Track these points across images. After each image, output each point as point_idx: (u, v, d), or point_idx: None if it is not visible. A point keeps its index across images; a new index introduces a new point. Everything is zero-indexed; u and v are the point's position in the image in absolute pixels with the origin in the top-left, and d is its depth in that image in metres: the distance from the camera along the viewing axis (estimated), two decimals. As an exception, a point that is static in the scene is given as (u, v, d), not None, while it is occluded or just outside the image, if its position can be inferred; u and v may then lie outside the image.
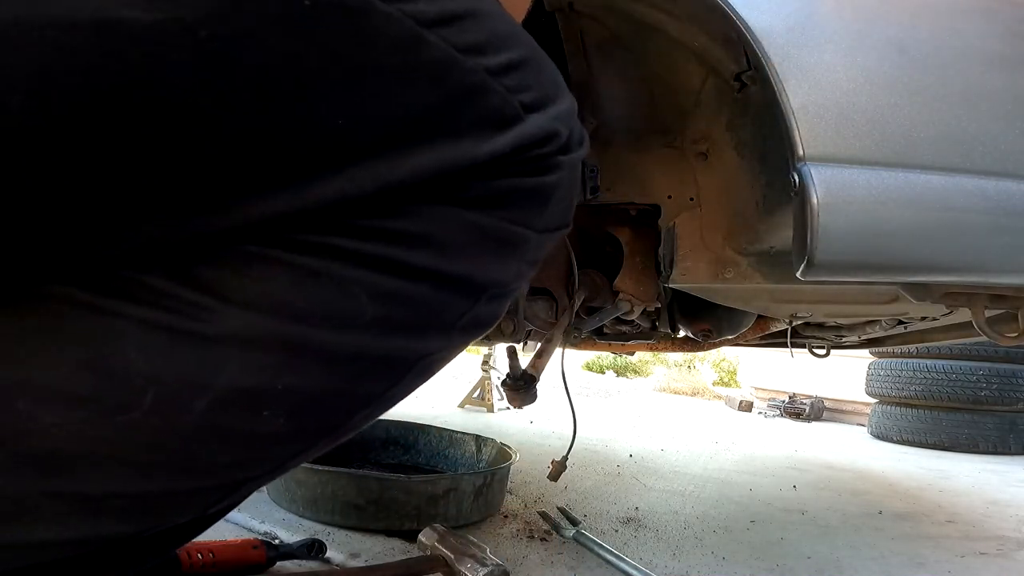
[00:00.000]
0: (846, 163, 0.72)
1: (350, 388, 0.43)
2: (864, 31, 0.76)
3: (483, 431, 1.84)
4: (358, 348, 0.41)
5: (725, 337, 1.46)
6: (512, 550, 1.22)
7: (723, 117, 1.01)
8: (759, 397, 5.10)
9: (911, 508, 1.96)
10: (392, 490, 1.23)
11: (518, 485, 1.69)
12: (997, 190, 0.73)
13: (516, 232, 0.44)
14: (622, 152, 1.14)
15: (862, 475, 2.49)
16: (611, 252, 1.25)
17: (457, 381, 4.82)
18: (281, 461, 0.44)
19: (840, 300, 1.23)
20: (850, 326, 1.61)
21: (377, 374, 0.44)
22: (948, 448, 3.33)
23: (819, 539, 1.52)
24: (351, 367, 0.42)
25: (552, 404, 2.73)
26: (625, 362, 7.86)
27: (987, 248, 0.74)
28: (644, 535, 1.41)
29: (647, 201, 1.13)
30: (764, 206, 0.92)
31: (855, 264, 0.72)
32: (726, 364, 7.83)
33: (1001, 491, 2.35)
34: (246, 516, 1.25)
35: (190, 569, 0.94)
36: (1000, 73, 0.76)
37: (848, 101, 0.73)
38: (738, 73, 0.86)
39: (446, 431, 1.79)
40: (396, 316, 0.42)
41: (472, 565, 0.96)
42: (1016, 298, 0.88)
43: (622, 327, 1.50)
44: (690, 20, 0.88)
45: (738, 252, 1.05)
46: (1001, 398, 3.29)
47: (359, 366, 0.42)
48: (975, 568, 1.41)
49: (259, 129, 0.36)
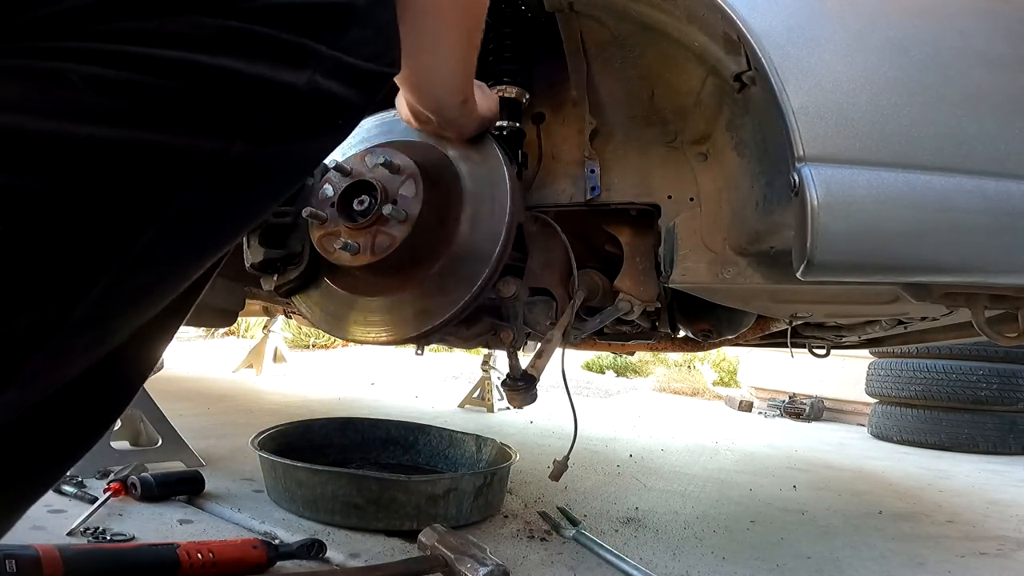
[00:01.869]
0: (846, 163, 0.72)
1: (89, 185, 0.40)
2: (864, 31, 0.76)
3: (483, 431, 1.84)
4: (88, 135, 0.38)
5: (725, 337, 1.46)
6: (512, 550, 1.22)
7: (723, 117, 1.01)
8: (759, 397, 5.10)
9: (911, 508, 1.96)
10: (392, 490, 1.23)
11: (518, 485, 1.69)
12: (997, 190, 0.73)
13: (298, 43, 0.45)
14: (622, 152, 1.14)
15: (862, 475, 2.49)
16: (611, 252, 1.25)
17: (457, 381, 4.83)
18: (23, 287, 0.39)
19: (840, 300, 1.23)
20: (850, 326, 1.61)
21: (132, 170, 0.40)
22: (948, 448, 3.33)
23: (819, 539, 1.52)
24: (87, 158, 0.39)
25: (552, 404, 2.74)
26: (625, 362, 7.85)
27: (987, 248, 0.74)
28: (644, 535, 1.41)
29: (647, 201, 1.13)
30: (764, 206, 0.92)
31: (855, 264, 0.72)
32: (726, 364, 7.82)
33: (1001, 491, 2.35)
34: (246, 516, 1.25)
35: (190, 569, 0.94)
36: (1000, 73, 0.76)
37: (848, 101, 0.73)
38: (738, 73, 0.86)
39: (446, 431, 1.79)
40: (125, 106, 0.40)
41: (472, 565, 0.96)
42: (1016, 298, 0.88)
43: (622, 327, 1.50)
44: (690, 20, 0.88)
45: (738, 252, 1.05)
46: (1001, 398, 3.29)
47: (100, 158, 0.39)
48: (975, 568, 1.41)
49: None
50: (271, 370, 4.10)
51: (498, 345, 1.19)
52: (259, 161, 0.46)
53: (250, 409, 2.70)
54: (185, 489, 1.33)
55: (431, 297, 1.00)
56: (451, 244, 0.99)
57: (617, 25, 1.00)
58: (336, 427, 1.75)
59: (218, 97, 0.42)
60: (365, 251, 0.98)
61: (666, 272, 1.10)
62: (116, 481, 1.26)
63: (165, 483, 1.29)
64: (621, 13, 0.97)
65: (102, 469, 1.37)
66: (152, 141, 0.40)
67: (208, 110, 0.42)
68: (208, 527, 1.19)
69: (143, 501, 1.26)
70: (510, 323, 1.13)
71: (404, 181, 0.98)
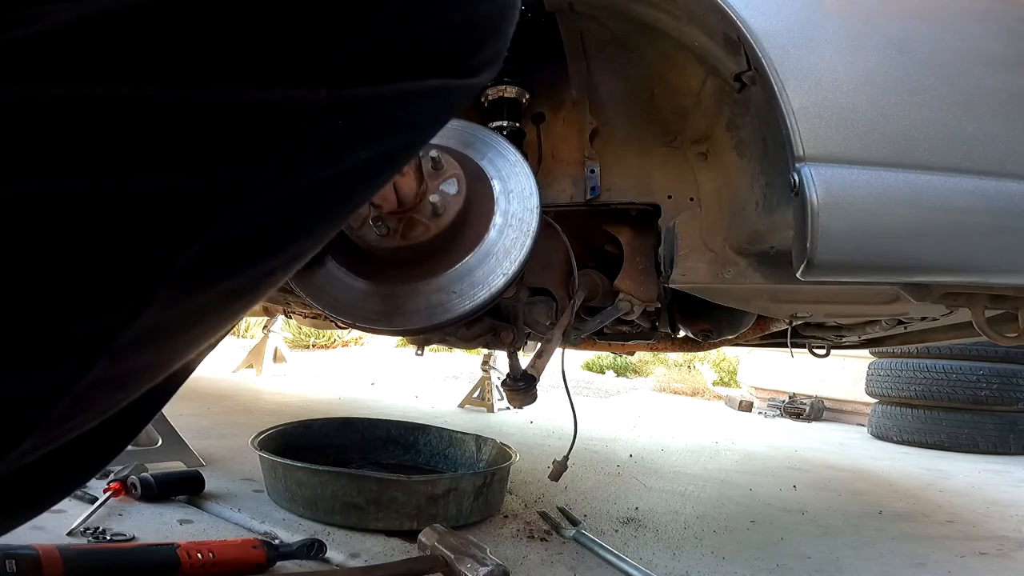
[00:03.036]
0: (846, 163, 0.72)
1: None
2: (864, 31, 0.76)
3: (483, 431, 1.84)
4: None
5: (725, 337, 1.46)
6: (512, 550, 1.22)
7: (723, 117, 1.01)
8: (759, 397, 5.10)
9: (911, 508, 1.96)
10: (392, 490, 1.23)
11: (518, 485, 1.69)
12: (997, 190, 0.73)
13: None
14: (622, 152, 1.15)
15: (862, 475, 2.49)
16: (611, 252, 1.25)
17: (457, 381, 4.83)
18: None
19: (840, 300, 1.23)
20: (850, 326, 1.61)
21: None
22: (948, 448, 3.33)
23: (819, 539, 1.52)
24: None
25: (552, 404, 2.74)
26: (625, 362, 7.85)
27: (987, 248, 0.74)
28: (644, 535, 1.41)
29: (647, 201, 1.13)
30: (764, 206, 0.92)
31: (855, 264, 0.72)
32: (726, 364, 7.82)
33: (1001, 491, 2.35)
34: (246, 516, 1.25)
35: (189, 569, 0.94)
36: (1000, 73, 0.76)
37: (848, 101, 0.73)
38: (738, 73, 0.86)
39: (446, 431, 1.79)
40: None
41: (472, 565, 0.96)
42: (1016, 298, 0.88)
43: (622, 327, 1.50)
44: (690, 20, 0.88)
45: (738, 252, 1.05)
46: (1001, 398, 3.29)
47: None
48: (975, 568, 1.41)
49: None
50: (271, 370, 4.11)
51: (498, 346, 1.19)
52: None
53: (250, 409, 2.70)
54: (185, 489, 1.33)
55: (445, 291, 0.99)
56: (475, 247, 0.99)
57: (617, 25, 1.00)
58: (336, 427, 1.75)
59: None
60: (395, 235, 0.97)
61: (666, 272, 1.10)
62: (116, 481, 1.26)
63: (165, 483, 1.29)
64: (621, 13, 0.97)
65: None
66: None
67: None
68: (208, 527, 1.19)
69: (143, 501, 1.26)
70: (510, 324, 1.13)
71: (447, 179, 0.98)
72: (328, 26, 0.34)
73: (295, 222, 0.39)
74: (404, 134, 0.41)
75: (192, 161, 0.33)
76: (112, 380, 0.38)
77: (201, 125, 0.32)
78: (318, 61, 0.34)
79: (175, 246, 0.34)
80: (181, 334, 0.40)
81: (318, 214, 0.41)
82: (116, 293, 0.34)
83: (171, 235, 0.34)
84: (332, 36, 0.34)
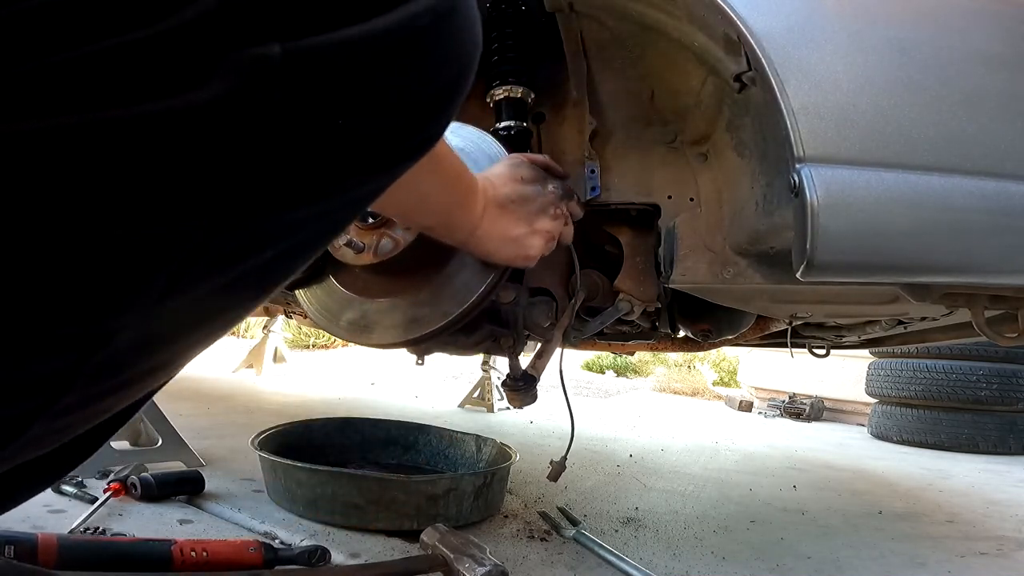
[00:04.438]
0: (846, 164, 0.72)
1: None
2: (864, 31, 0.76)
3: (483, 431, 1.84)
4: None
5: (725, 337, 1.46)
6: (512, 550, 1.22)
7: (723, 117, 1.01)
8: (759, 397, 5.10)
9: (911, 508, 1.96)
10: (392, 490, 1.23)
11: (518, 485, 1.69)
12: (997, 190, 0.73)
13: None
14: (622, 152, 1.14)
15: (862, 475, 2.49)
16: (611, 252, 1.25)
17: (457, 381, 4.83)
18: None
19: (840, 300, 1.23)
20: (850, 326, 1.61)
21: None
22: (948, 448, 3.33)
23: (819, 539, 1.52)
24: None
25: (552, 404, 2.73)
26: (625, 362, 7.85)
27: (987, 248, 0.74)
28: (644, 535, 1.41)
29: (647, 201, 1.13)
30: (764, 206, 0.92)
31: (855, 265, 0.72)
32: (726, 364, 7.82)
33: (1001, 491, 2.35)
34: (246, 516, 1.25)
35: (182, 566, 0.95)
36: (1000, 73, 0.76)
37: (848, 102, 0.73)
38: (738, 73, 0.86)
39: (446, 431, 1.79)
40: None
41: (470, 565, 0.96)
42: (1016, 298, 0.88)
43: (622, 327, 1.50)
44: (690, 20, 0.88)
45: (738, 252, 1.05)
46: (1001, 398, 3.29)
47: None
48: (975, 568, 1.41)
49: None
50: (271, 370, 4.10)
51: (498, 352, 1.19)
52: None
53: (250, 409, 2.70)
54: (185, 489, 1.33)
55: (424, 306, 1.00)
56: (456, 255, 0.99)
57: (617, 25, 1.00)
58: (336, 427, 1.75)
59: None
60: (368, 251, 0.98)
61: (666, 272, 1.10)
62: (116, 481, 1.26)
63: (165, 483, 1.29)
64: (621, 13, 0.97)
65: (102, 469, 1.37)
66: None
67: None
68: (208, 527, 1.19)
69: (143, 501, 1.26)
70: (510, 329, 1.13)
71: None
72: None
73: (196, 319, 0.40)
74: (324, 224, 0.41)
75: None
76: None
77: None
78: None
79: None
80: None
81: (218, 310, 0.41)
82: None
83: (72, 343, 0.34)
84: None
